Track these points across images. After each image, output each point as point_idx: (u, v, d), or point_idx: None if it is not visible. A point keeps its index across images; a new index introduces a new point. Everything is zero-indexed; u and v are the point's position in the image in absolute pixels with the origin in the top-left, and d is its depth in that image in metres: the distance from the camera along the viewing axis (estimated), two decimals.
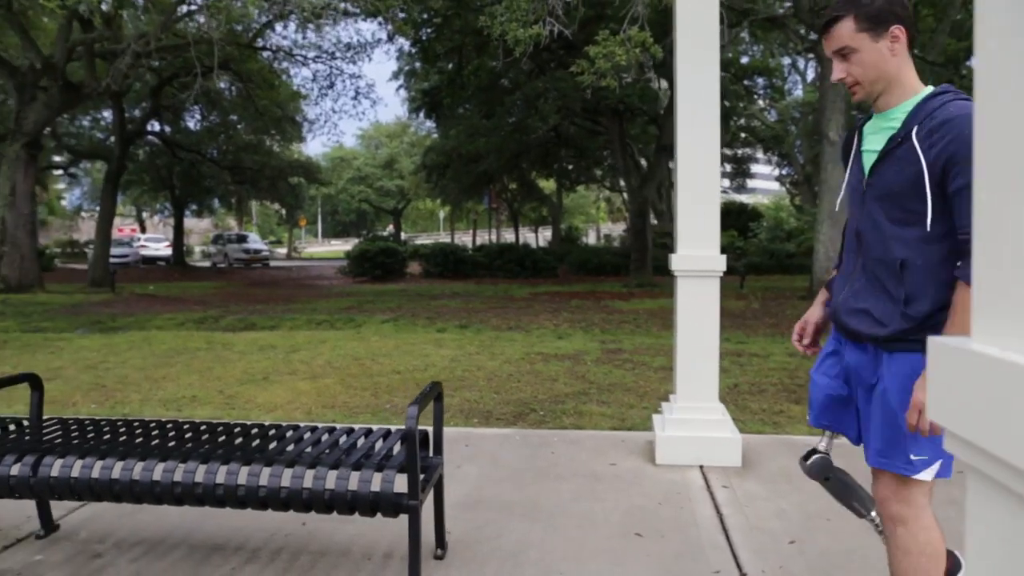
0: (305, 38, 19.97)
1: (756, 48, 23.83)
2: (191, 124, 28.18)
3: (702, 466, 3.94)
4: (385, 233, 50.33)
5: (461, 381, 6.45)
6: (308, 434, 2.82)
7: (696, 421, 4.03)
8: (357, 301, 14.67)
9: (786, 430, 4.78)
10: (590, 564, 2.84)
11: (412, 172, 37.33)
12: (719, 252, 4.00)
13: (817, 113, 16.33)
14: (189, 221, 42.39)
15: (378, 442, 2.73)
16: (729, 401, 5.33)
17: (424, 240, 45.31)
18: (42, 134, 18.55)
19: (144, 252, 36.29)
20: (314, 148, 69.58)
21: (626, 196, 26.74)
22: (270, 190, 30.55)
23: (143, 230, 48.21)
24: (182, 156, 27.40)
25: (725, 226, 19.32)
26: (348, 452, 2.59)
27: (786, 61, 26.67)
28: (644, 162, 24.22)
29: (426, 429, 2.82)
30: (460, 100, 21.17)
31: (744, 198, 37.91)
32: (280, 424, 3.00)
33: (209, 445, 2.71)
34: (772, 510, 3.34)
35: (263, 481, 2.43)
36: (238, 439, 2.77)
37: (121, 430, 2.91)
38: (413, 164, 41.41)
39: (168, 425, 2.97)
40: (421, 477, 2.43)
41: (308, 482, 2.43)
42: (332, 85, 20.73)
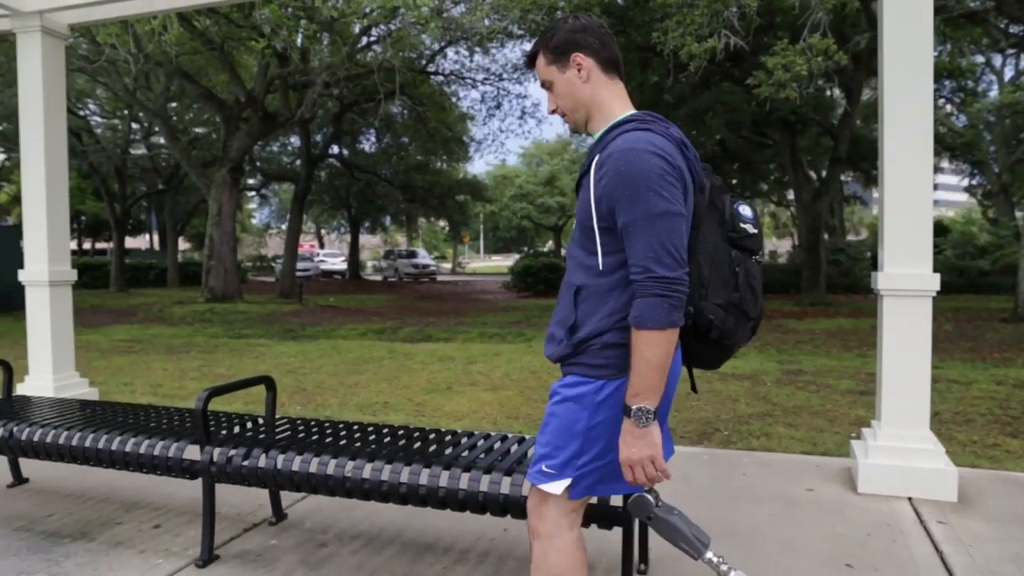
0: (472, 61, 20.79)
1: (942, 48, 22.17)
2: (366, 147, 30.00)
3: (911, 498, 3.71)
4: (545, 249, 51.02)
5: None
6: (510, 444, 2.93)
7: (905, 450, 3.80)
8: (524, 315, 14.96)
9: (1005, 465, 4.41)
10: None
11: (573, 189, 37.62)
12: (931, 270, 3.77)
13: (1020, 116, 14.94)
14: (362, 237, 44.95)
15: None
16: (932, 431, 4.98)
17: None
18: (243, 160, 20.42)
19: (323, 266, 39.01)
20: (477, 167, 71.85)
21: (794, 211, 25.60)
22: (439, 208, 31.86)
23: (321, 246, 51.72)
24: (359, 177, 29.18)
25: None
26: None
27: (979, 60, 24.59)
28: (814, 175, 23.14)
29: None
30: None
31: None
32: (471, 432, 3.14)
33: (411, 448, 2.88)
34: (1005, 554, 3.10)
35: (462, 484, 2.57)
36: (435, 444, 2.92)
37: (328, 431, 3.15)
38: (573, 181, 41.77)
39: (369, 428, 3.18)
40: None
41: (505, 488, 2.53)
42: (499, 105, 21.36)
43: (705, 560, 1.92)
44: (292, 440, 2.99)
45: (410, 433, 3.13)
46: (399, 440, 3.00)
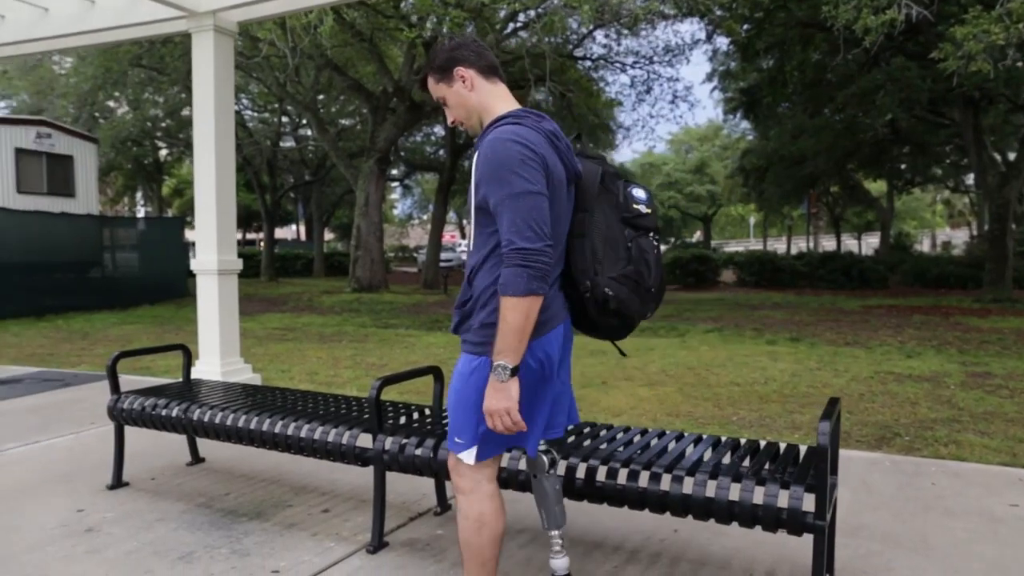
0: (620, 45, 20.43)
1: None
2: None
3: None
4: (692, 240, 49.74)
5: (807, 398, 6.08)
6: (668, 440, 2.80)
7: None
8: (676, 309, 14.61)
9: None
10: None
11: (727, 176, 36.24)
12: None
13: None
14: None
15: (763, 456, 2.63)
16: None
17: (733, 247, 43.95)
18: (390, 150, 21.09)
19: (465, 257, 39.73)
20: (623, 155, 70.85)
21: (973, 197, 23.47)
22: None
23: (463, 236, 52.87)
24: None
25: None
26: (739, 464, 2.53)
27: None
28: (999, 157, 21.07)
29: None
30: (781, 98, 20.13)
31: None
32: (639, 429, 3.02)
33: (580, 444, 2.81)
34: None
35: (643, 483, 2.48)
36: (591, 438, 2.83)
37: None
38: (725, 168, 40.36)
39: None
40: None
41: (687, 488, 2.42)
42: (649, 90, 20.92)
43: (550, 534, 2.30)
44: None
45: (580, 429, 3.07)
46: (567, 435, 2.95)
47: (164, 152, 32.92)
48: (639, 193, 2.24)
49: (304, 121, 27.31)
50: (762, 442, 2.80)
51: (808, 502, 2.29)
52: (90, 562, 2.89)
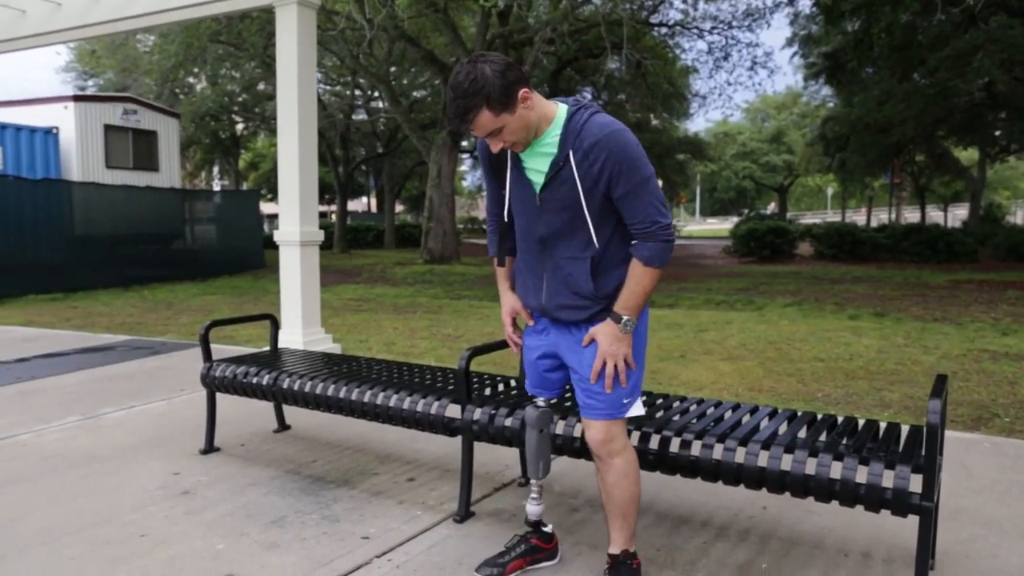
0: (697, 10, 19.84)
1: None
2: None
3: None
4: (767, 212, 48.46)
5: (895, 375, 5.85)
6: (761, 417, 2.71)
7: None
8: (751, 282, 14.27)
9: None
10: None
11: (807, 145, 34.97)
12: None
13: None
14: None
15: (863, 434, 2.52)
16: None
17: (810, 219, 42.61)
18: None
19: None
20: (697, 125, 69.15)
21: None
22: (658, 167, 31.13)
23: None
24: None
25: None
26: (838, 442, 2.44)
27: None
28: None
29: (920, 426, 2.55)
30: (867, 62, 19.27)
31: None
32: (729, 404, 2.94)
33: (667, 417, 2.75)
34: None
35: (739, 459, 2.42)
36: (680, 413, 2.77)
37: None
38: (803, 137, 39.08)
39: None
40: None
41: (786, 465, 2.34)
42: (727, 56, 20.30)
43: (533, 483, 2.56)
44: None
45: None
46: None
47: (240, 126, 33.72)
48: None
49: (377, 94, 27.52)
50: (860, 420, 2.70)
51: (914, 483, 2.19)
52: (189, 523, 2.99)
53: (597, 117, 2.15)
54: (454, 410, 3.04)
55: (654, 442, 2.58)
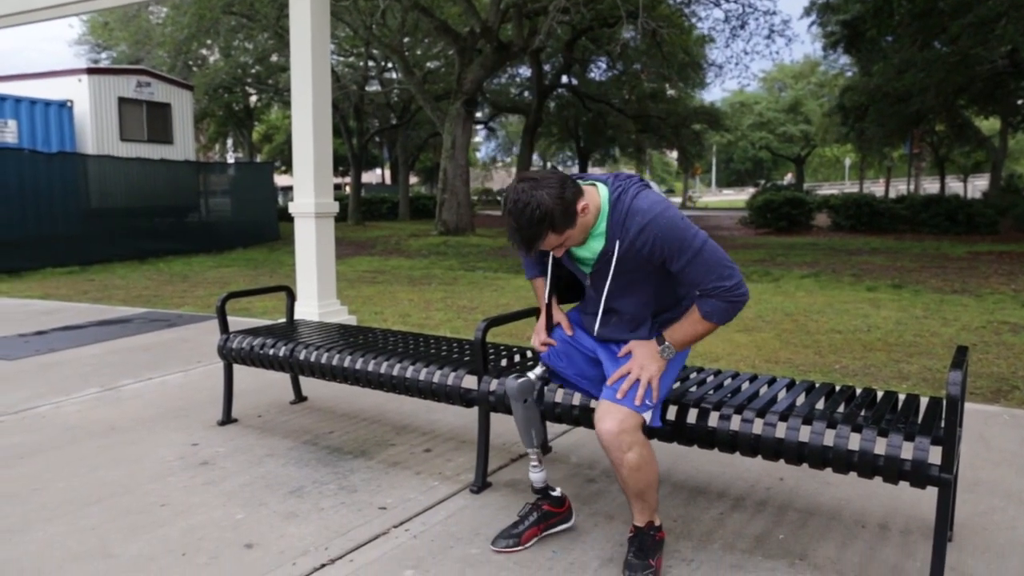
0: None
1: None
2: (595, 76, 29.46)
3: None
4: (783, 183, 47.97)
5: (913, 347, 5.81)
6: (778, 389, 2.69)
7: None
8: (768, 253, 14.17)
9: None
10: None
11: (825, 115, 34.44)
12: None
13: None
14: (589, 169, 44.91)
15: (882, 406, 2.50)
16: None
17: (827, 190, 42.13)
18: (477, 92, 20.85)
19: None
20: (712, 95, 68.47)
21: None
22: (672, 138, 30.81)
23: None
24: (590, 107, 28.81)
25: None
26: (857, 413, 2.42)
27: None
28: None
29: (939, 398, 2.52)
30: (886, 31, 18.90)
31: None
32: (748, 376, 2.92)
33: (713, 391, 2.74)
34: None
35: (756, 430, 2.41)
36: (728, 386, 2.75)
37: None
38: (820, 107, 38.54)
39: None
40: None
41: (804, 436, 2.33)
42: (744, 24, 19.97)
43: (530, 451, 2.57)
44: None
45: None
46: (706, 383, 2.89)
47: (254, 98, 33.63)
48: None
49: (390, 65, 27.32)
50: (879, 392, 2.67)
51: (933, 454, 2.17)
52: (208, 493, 3.02)
53: (638, 201, 2.22)
54: (470, 381, 3.04)
55: (671, 413, 2.57)
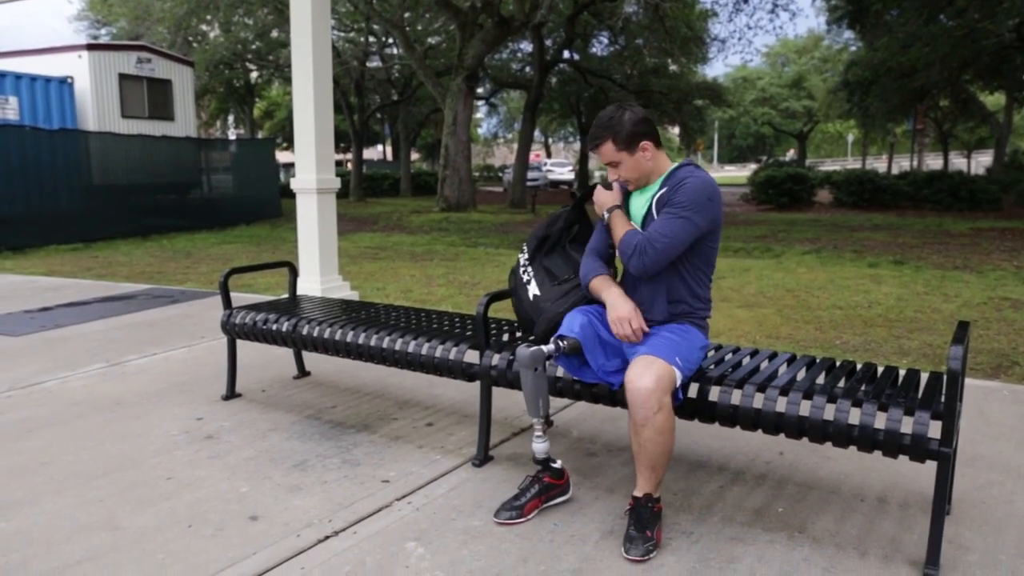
0: None
1: None
2: (597, 51, 29.16)
3: None
4: (785, 159, 47.73)
5: (914, 323, 5.82)
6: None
7: None
8: (770, 229, 14.14)
9: None
10: None
11: (829, 91, 34.14)
12: None
13: None
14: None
15: (882, 380, 2.52)
16: None
17: (829, 166, 41.93)
18: (478, 67, 20.67)
19: (551, 176, 39.01)
20: (715, 70, 67.92)
21: None
22: (674, 113, 30.58)
23: (548, 155, 52.06)
24: (592, 83, 28.57)
25: None
26: (857, 388, 2.43)
27: None
28: None
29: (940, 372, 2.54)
30: (891, 4, 18.70)
31: None
32: (751, 351, 2.93)
33: (714, 366, 2.75)
34: None
35: (757, 404, 2.43)
36: (728, 360, 2.77)
37: None
38: (824, 83, 38.24)
39: None
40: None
41: (804, 410, 2.35)
42: None
43: (535, 421, 2.58)
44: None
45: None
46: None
47: (255, 75, 33.41)
48: None
49: (391, 40, 27.10)
50: (879, 367, 2.69)
51: (933, 429, 2.19)
52: (213, 467, 3.06)
53: (698, 171, 2.55)
54: (472, 356, 3.06)
55: None
